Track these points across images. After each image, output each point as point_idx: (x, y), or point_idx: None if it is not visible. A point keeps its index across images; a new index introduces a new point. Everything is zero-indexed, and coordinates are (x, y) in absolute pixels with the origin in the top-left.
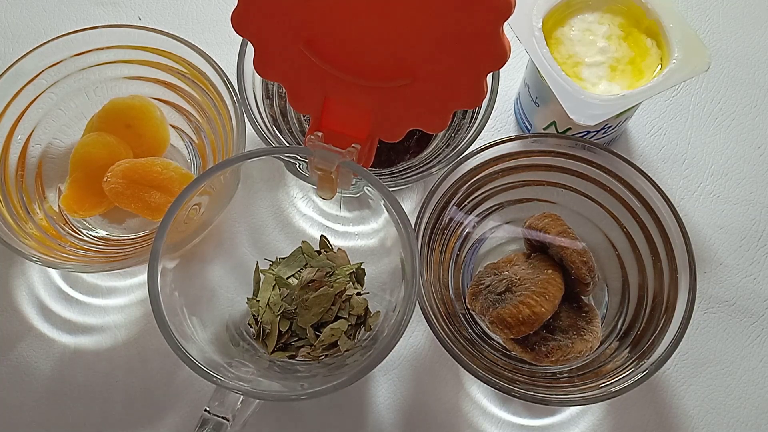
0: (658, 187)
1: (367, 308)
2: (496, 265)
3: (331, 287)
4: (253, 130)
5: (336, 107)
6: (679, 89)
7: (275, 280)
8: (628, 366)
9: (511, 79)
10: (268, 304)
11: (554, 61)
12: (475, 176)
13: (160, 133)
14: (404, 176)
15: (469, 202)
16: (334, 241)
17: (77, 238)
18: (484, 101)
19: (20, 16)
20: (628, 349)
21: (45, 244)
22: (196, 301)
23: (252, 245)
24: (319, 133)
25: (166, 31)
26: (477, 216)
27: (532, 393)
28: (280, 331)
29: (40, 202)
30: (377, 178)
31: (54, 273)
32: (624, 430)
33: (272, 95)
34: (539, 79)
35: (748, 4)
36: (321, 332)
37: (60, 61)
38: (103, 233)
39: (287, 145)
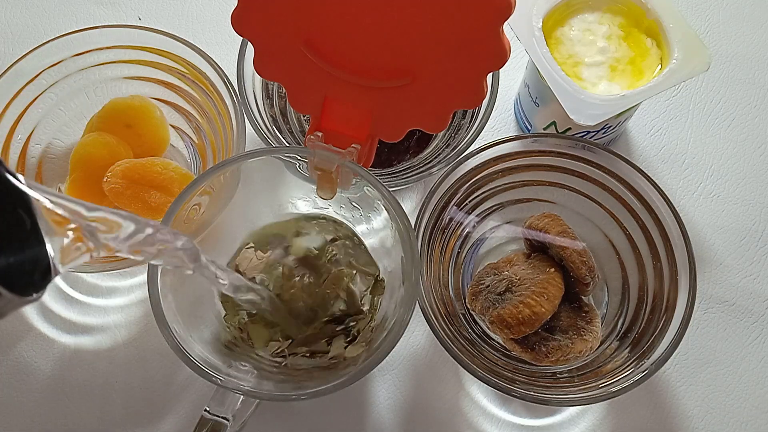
0: (658, 187)
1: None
2: (496, 265)
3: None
4: (253, 130)
5: (336, 107)
6: (679, 89)
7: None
8: (628, 366)
9: (511, 79)
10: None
11: (554, 61)
12: (475, 176)
13: (160, 133)
14: (404, 176)
15: (469, 202)
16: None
17: None
18: (484, 101)
19: (20, 16)
20: (628, 349)
21: None
22: (197, 301)
23: None
24: (319, 133)
25: (166, 31)
26: (477, 216)
27: (532, 393)
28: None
29: None
30: (377, 178)
31: None
32: (624, 430)
33: (272, 95)
34: (539, 79)
35: (748, 4)
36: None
37: (60, 61)
38: None
39: (287, 145)
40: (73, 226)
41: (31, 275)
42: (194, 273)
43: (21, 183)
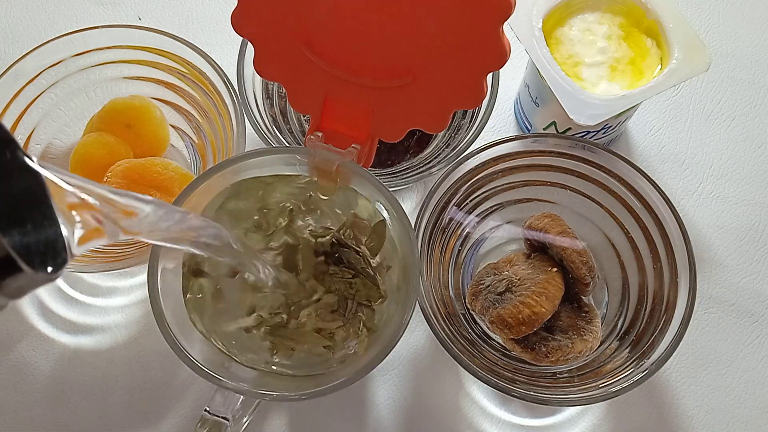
0: (658, 187)
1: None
2: (496, 265)
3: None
4: (253, 130)
5: (336, 107)
6: (679, 89)
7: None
8: (628, 366)
9: (511, 79)
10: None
11: (554, 61)
12: (475, 176)
13: (160, 133)
14: (404, 176)
15: (469, 202)
16: None
17: None
18: (484, 101)
19: (20, 16)
20: (628, 349)
21: None
22: None
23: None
24: (319, 133)
25: (166, 31)
26: (477, 216)
27: (532, 393)
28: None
29: None
30: (377, 178)
31: None
32: (624, 430)
33: (272, 95)
34: (539, 79)
35: (748, 4)
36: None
37: (60, 61)
38: None
39: (287, 145)
40: (88, 208)
41: (47, 255)
42: (222, 258)
43: (36, 164)
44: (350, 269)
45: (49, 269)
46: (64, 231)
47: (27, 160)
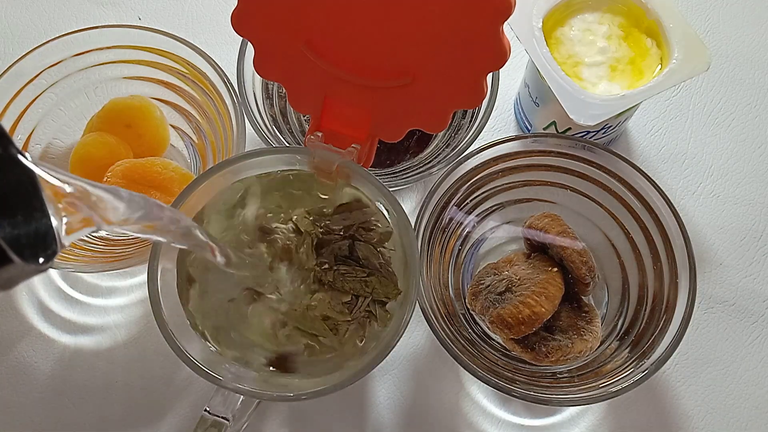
0: (658, 187)
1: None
2: (496, 265)
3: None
4: (253, 130)
5: (336, 107)
6: (679, 89)
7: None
8: (628, 366)
9: (511, 79)
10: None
11: (554, 61)
12: (475, 176)
13: (160, 133)
14: (404, 176)
15: (469, 202)
16: None
17: None
18: (484, 101)
19: (20, 16)
20: (628, 349)
21: None
22: None
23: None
24: (319, 133)
25: (166, 31)
26: (477, 216)
27: (532, 393)
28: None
29: None
30: (377, 178)
31: (54, 273)
32: (624, 430)
33: (272, 95)
34: (539, 79)
35: (748, 4)
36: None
37: (60, 61)
38: (103, 233)
39: (287, 145)
40: (71, 200)
41: (38, 246)
42: (187, 248)
43: (27, 159)
44: (363, 267)
45: (40, 260)
46: (54, 223)
47: (18, 154)
